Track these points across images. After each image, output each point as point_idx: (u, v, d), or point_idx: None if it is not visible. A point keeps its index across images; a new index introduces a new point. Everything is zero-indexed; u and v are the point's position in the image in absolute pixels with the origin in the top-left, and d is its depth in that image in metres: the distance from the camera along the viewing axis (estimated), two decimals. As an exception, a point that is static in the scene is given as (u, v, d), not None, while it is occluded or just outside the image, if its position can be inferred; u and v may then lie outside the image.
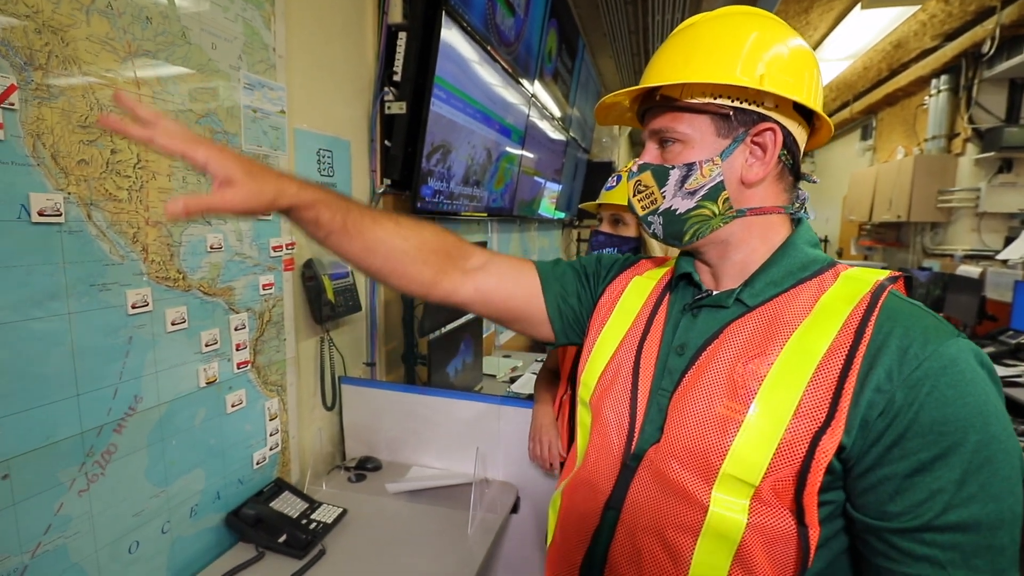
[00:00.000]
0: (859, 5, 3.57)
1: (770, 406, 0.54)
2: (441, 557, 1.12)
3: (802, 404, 0.52)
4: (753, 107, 0.60)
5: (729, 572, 0.55)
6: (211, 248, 1.09)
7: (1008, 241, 4.31)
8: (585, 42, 3.92)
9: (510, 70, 2.32)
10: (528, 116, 2.76)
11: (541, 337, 0.84)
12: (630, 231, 1.25)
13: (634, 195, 0.67)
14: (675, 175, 0.62)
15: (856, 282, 0.58)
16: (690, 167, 0.61)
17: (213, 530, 1.13)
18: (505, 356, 2.86)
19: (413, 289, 0.78)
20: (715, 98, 0.60)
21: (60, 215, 0.81)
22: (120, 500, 0.93)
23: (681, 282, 0.70)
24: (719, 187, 0.61)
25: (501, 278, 0.80)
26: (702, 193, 0.62)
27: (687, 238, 0.64)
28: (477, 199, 2.29)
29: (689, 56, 0.61)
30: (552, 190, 3.90)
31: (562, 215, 4.30)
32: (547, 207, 3.82)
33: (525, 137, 2.78)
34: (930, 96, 4.62)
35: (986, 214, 4.78)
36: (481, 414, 1.43)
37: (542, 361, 1.48)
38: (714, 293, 0.65)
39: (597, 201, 1.29)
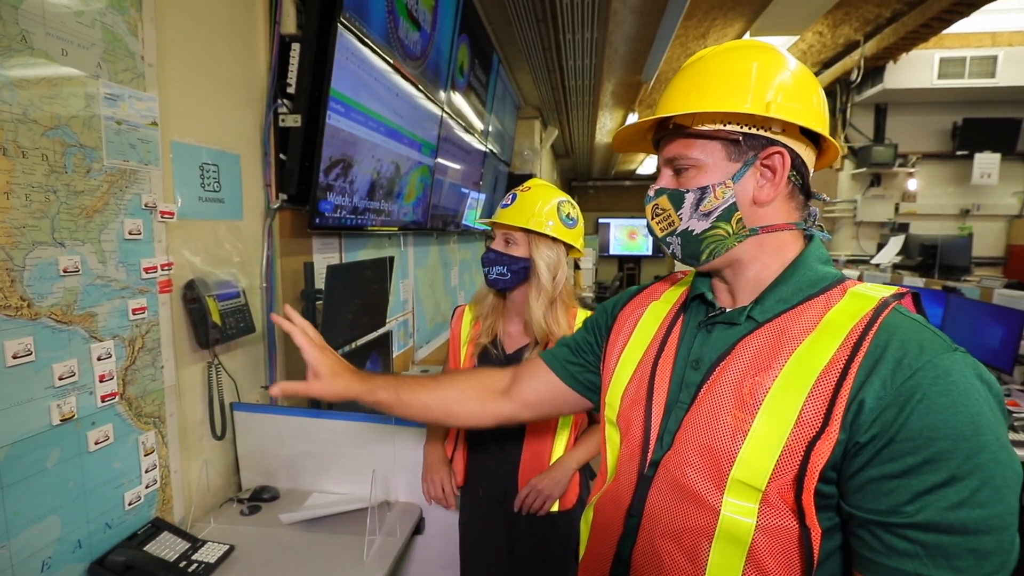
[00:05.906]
0: (748, 32, 3.89)
1: (773, 416, 0.57)
2: (334, 588, 1.08)
3: (802, 413, 0.55)
4: (761, 132, 0.63)
5: (743, 572, 0.58)
6: (64, 272, 0.99)
7: (880, 247, 4.85)
8: (501, 57, 3.98)
9: (418, 84, 2.31)
10: (440, 130, 2.76)
11: (585, 409, 0.94)
12: (520, 251, 1.25)
13: (652, 218, 0.70)
14: (690, 198, 0.66)
15: (861, 299, 0.60)
16: (704, 190, 0.65)
17: (72, 583, 1.02)
18: (423, 371, 2.81)
19: (470, 423, 0.97)
20: (725, 125, 0.64)
21: None
22: (-56, 562, 0.82)
23: (695, 301, 0.73)
24: (732, 208, 0.64)
25: (528, 383, 0.92)
26: (716, 214, 0.65)
27: (704, 257, 0.68)
28: (386, 213, 2.25)
29: (701, 87, 0.65)
30: (480, 200, 3.92)
31: (486, 227, 4.34)
32: (474, 218, 3.84)
33: (437, 150, 2.77)
34: (813, 117, 5.16)
35: (862, 223, 5.36)
36: (378, 435, 1.40)
37: None
38: (727, 310, 0.68)
39: (492, 219, 1.29)
